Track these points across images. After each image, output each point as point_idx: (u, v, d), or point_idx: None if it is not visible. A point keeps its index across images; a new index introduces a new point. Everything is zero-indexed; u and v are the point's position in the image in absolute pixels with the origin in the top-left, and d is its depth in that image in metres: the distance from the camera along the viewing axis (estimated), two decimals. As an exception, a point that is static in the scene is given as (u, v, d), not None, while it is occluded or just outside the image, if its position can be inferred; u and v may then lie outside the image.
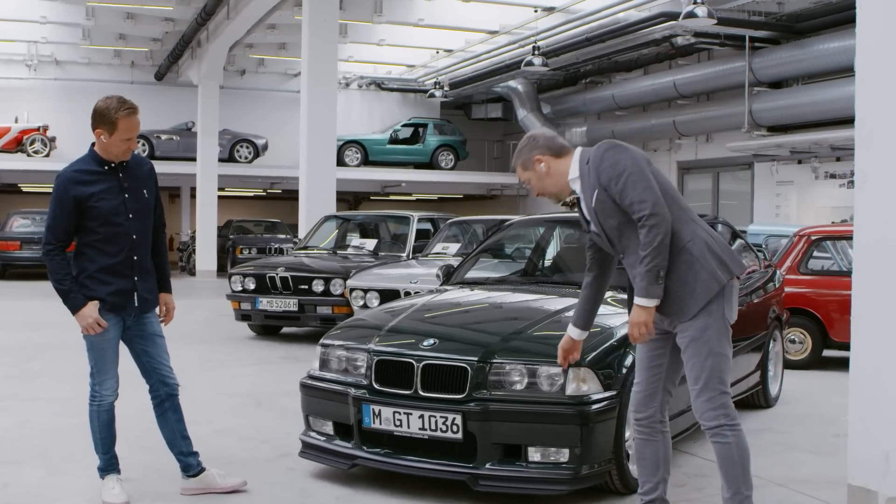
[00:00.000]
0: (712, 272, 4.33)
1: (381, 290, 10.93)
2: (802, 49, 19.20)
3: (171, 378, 5.47)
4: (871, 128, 4.86)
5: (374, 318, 6.16)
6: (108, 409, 5.37)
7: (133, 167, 5.27)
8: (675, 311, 4.37)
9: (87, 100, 25.43)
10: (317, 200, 16.23)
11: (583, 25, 21.09)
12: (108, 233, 5.12)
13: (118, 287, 5.17)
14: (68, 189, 5.08)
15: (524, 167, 4.61)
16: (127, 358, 5.52)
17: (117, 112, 5.03)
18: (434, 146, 30.15)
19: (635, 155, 4.38)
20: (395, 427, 5.26)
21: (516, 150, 4.67)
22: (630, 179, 4.27)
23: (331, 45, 17.06)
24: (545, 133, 4.64)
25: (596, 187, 4.37)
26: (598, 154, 4.40)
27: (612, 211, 4.36)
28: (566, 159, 4.53)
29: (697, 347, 4.34)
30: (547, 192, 4.62)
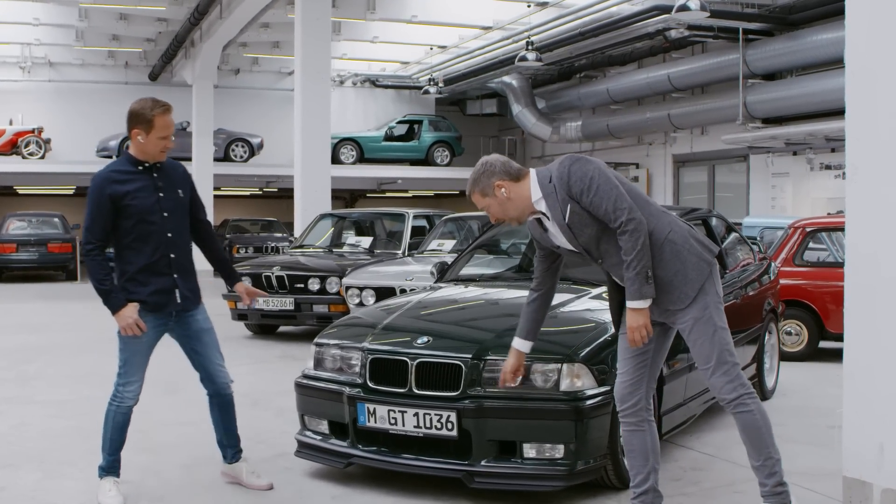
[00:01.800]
0: (699, 255, 4.44)
1: (377, 288, 10.94)
2: (796, 41, 19.20)
3: (219, 376, 5.53)
4: (861, 120, 4.86)
5: (369, 317, 6.16)
6: (126, 412, 5.38)
7: (167, 169, 5.37)
8: (673, 300, 4.44)
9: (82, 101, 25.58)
10: (312, 199, 16.24)
11: (576, 20, 21.10)
12: (143, 231, 5.20)
13: (158, 286, 5.24)
14: (104, 188, 5.15)
15: (483, 194, 4.56)
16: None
17: (153, 110, 5.15)
18: (429, 143, 30.14)
19: (599, 165, 4.42)
20: (390, 425, 5.27)
21: (471, 178, 4.62)
22: (601, 189, 4.31)
23: (324, 42, 17.06)
24: (499, 158, 4.61)
25: (568, 201, 4.39)
26: (563, 170, 4.42)
27: (587, 221, 4.40)
28: (525, 181, 4.52)
29: (703, 327, 4.42)
30: (508, 217, 4.60)
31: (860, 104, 4.88)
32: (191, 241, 5.50)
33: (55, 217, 26.14)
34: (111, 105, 29.49)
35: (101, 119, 29.03)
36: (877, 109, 4.77)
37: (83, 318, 15.60)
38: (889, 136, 4.71)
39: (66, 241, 25.28)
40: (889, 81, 4.70)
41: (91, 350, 11.63)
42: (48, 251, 24.94)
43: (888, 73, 4.70)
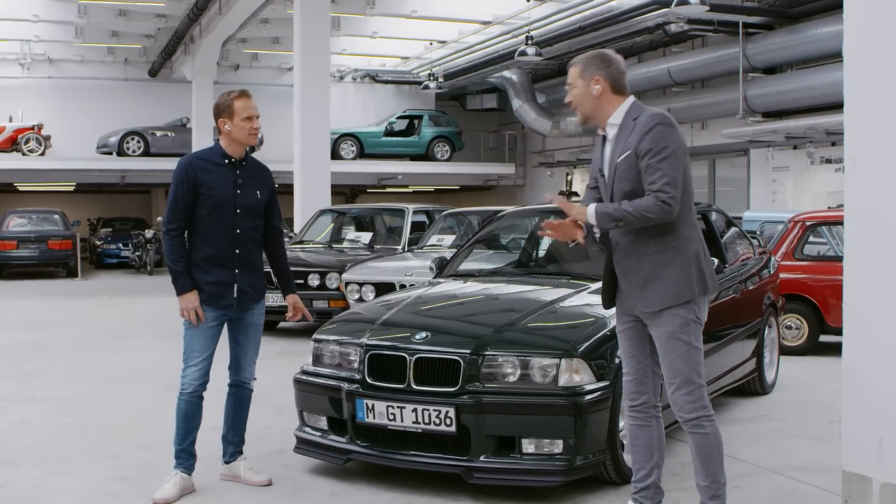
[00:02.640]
0: (689, 282, 4.35)
1: (377, 284, 10.93)
2: (796, 34, 19.17)
3: (245, 371, 5.62)
4: (860, 114, 4.85)
5: (368, 312, 6.15)
6: (188, 399, 5.39)
7: (252, 168, 5.55)
8: (638, 297, 4.41)
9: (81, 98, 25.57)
10: (311, 194, 16.24)
11: (575, 14, 21.08)
12: (214, 223, 5.34)
13: (217, 278, 5.35)
14: (188, 171, 5.34)
15: (581, 74, 4.46)
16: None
17: (230, 96, 5.39)
18: (430, 138, 30.09)
19: (681, 142, 4.36)
20: (389, 421, 5.26)
21: (584, 56, 4.52)
22: (668, 162, 4.25)
23: (323, 38, 17.04)
24: (620, 64, 4.50)
25: (630, 149, 4.32)
26: (649, 122, 4.32)
27: (631, 177, 4.33)
28: (617, 101, 4.45)
29: (677, 343, 4.35)
30: (581, 110, 4.51)
31: (859, 98, 4.87)
32: (260, 240, 5.60)
33: (55, 214, 26.14)
34: (111, 101, 29.57)
35: (100, 115, 29.06)
36: (875, 103, 4.76)
37: (83, 314, 15.60)
38: (888, 130, 4.69)
39: (66, 237, 25.29)
40: (888, 75, 4.68)
41: (91, 347, 11.63)
42: (48, 248, 24.95)
43: (887, 67, 4.69)
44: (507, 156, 32.42)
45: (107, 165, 28.34)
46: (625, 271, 4.47)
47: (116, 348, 11.56)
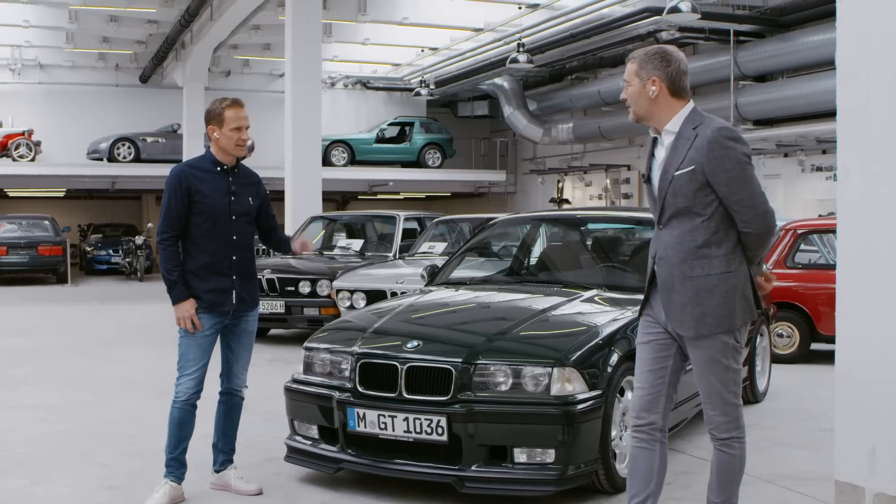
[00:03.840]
0: (730, 312, 4.10)
1: (368, 291, 10.90)
2: (787, 42, 19.20)
3: (237, 379, 5.61)
4: (853, 123, 4.84)
5: (359, 320, 6.13)
6: (181, 407, 5.37)
7: (243, 175, 5.58)
8: (676, 318, 4.16)
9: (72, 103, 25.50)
10: (302, 201, 16.21)
11: (567, 22, 21.09)
12: (210, 230, 5.35)
13: (215, 286, 5.36)
14: (181, 180, 5.33)
15: (636, 72, 4.20)
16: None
17: (222, 104, 5.39)
18: (421, 145, 30.10)
19: (751, 153, 4.14)
20: (381, 430, 5.23)
21: (647, 50, 4.24)
22: (752, 185, 4.06)
23: (314, 45, 17.03)
24: (682, 64, 4.21)
25: (694, 164, 4.05)
26: (717, 136, 4.04)
27: (689, 193, 4.08)
28: (676, 105, 4.17)
29: (716, 367, 4.14)
30: (634, 108, 4.24)
31: (852, 106, 4.86)
32: (254, 245, 5.63)
33: (45, 220, 26.07)
34: (101, 107, 29.51)
35: (91, 121, 29.00)
36: (868, 112, 4.75)
37: (73, 321, 15.54)
38: (881, 139, 4.69)
39: (56, 243, 25.24)
40: (880, 84, 4.68)
41: (81, 354, 11.58)
42: (38, 254, 24.91)
43: (880, 76, 4.69)
44: (498, 163, 32.41)
45: (97, 171, 28.30)
46: (666, 288, 4.19)
47: (106, 355, 11.50)
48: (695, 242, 4.10)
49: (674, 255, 4.16)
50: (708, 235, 4.09)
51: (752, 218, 4.05)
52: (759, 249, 4.15)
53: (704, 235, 4.09)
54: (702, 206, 4.08)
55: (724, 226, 4.10)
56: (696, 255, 4.10)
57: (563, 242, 7.99)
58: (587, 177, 28.55)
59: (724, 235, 4.10)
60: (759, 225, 4.07)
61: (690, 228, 4.11)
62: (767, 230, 4.11)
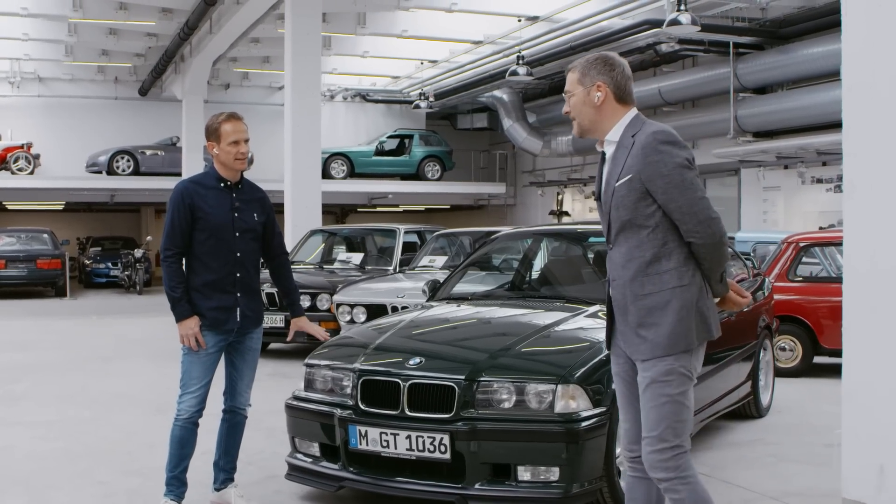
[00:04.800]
0: (686, 330, 3.81)
1: (368, 305, 10.85)
2: (787, 54, 19.19)
3: (241, 397, 5.55)
4: (858, 137, 4.81)
5: (360, 336, 6.07)
6: (182, 425, 5.31)
7: (247, 190, 5.49)
8: (631, 342, 3.90)
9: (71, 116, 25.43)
10: (302, 214, 16.15)
11: (567, 34, 21.05)
12: (214, 247, 5.29)
13: (219, 303, 5.30)
14: (184, 197, 5.28)
15: (580, 80, 3.96)
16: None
17: (218, 119, 5.34)
18: (420, 157, 30.09)
19: (690, 156, 3.84)
20: (383, 448, 5.17)
21: (584, 60, 4.00)
22: (690, 192, 3.77)
23: (314, 57, 17.00)
24: (625, 69, 3.98)
25: (631, 173, 3.81)
26: (651, 140, 3.80)
27: (629, 205, 3.84)
28: (621, 112, 3.94)
29: (656, 391, 3.81)
30: (579, 119, 4.00)
31: (857, 120, 4.82)
32: (259, 263, 5.56)
33: (44, 233, 26.02)
34: (100, 120, 29.49)
35: (90, 134, 28.98)
36: (874, 125, 4.72)
37: (72, 335, 15.48)
38: (886, 153, 4.65)
39: (55, 256, 25.19)
40: (887, 97, 4.65)
41: (80, 369, 11.52)
42: (37, 267, 24.85)
43: (886, 89, 4.65)
44: (497, 175, 32.39)
45: (96, 184, 28.26)
46: (620, 310, 3.95)
47: (105, 370, 11.44)
48: (643, 258, 3.84)
49: (623, 273, 3.91)
50: (656, 248, 3.83)
51: (694, 226, 3.76)
52: (713, 262, 3.84)
53: (652, 249, 3.83)
54: (643, 217, 3.83)
55: (671, 236, 3.83)
56: (646, 271, 3.84)
57: (566, 257, 7.94)
58: (587, 189, 28.52)
59: (673, 247, 3.83)
60: (704, 233, 3.77)
61: (637, 243, 3.86)
62: (713, 238, 3.78)
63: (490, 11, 21.46)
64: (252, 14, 19.77)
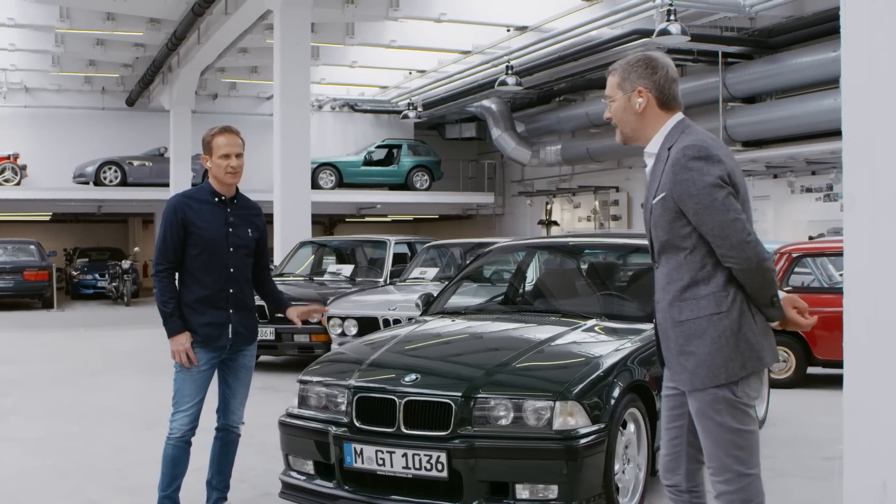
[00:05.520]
0: (724, 360, 3.57)
1: (360, 318, 10.77)
2: (775, 64, 19.21)
3: (234, 415, 5.48)
4: (858, 149, 4.75)
5: (354, 352, 6.00)
6: (175, 444, 5.23)
7: (242, 206, 5.43)
8: (675, 374, 3.72)
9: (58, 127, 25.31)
10: (292, 226, 16.07)
11: (556, 44, 21.04)
12: (207, 262, 5.22)
13: (212, 319, 5.23)
14: (177, 211, 5.21)
15: (620, 86, 3.73)
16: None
17: (210, 133, 5.29)
18: (409, 167, 30.06)
19: (723, 172, 3.57)
20: (378, 466, 5.09)
21: (624, 62, 3.76)
22: (721, 213, 3.51)
23: (303, 68, 16.94)
24: (670, 71, 3.75)
25: (665, 191, 3.59)
26: (680, 157, 3.57)
27: (665, 224, 3.63)
28: (664, 119, 3.72)
29: (707, 423, 3.62)
30: (620, 127, 3.80)
31: (857, 132, 4.76)
32: (251, 279, 5.48)
33: (31, 244, 25.87)
34: (88, 131, 29.38)
35: (77, 145, 28.86)
36: (874, 137, 4.66)
37: (60, 348, 15.36)
38: (887, 166, 4.60)
39: (42, 268, 25.04)
40: (887, 109, 4.59)
41: (68, 382, 11.42)
42: (24, 279, 24.71)
43: (886, 101, 4.60)
44: (486, 185, 32.35)
45: (83, 195, 28.14)
46: (663, 334, 3.76)
47: (94, 384, 11.34)
48: (681, 282, 3.63)
49: (664, 296, 3.72)
50: (693, 272, 3.60)
51: (728, 251, 3.51)
52: (755, 288, 3.58)
53: (690, 273, 3.61)
54: (680, 239, 3.61)
55: (710, 259, 3.58)
56: (683, 296, 3.63)
57: (561, 270, 7.88)
58: (576, 198, 28.52)
59: (712, 271, 3.58)
60: (738, 258, 3.51)
61: (676, 265, 3.65)
62: (748, 263, 3.52)
63: (479, 21, 21.44)
64: (241, 24, 19.72)
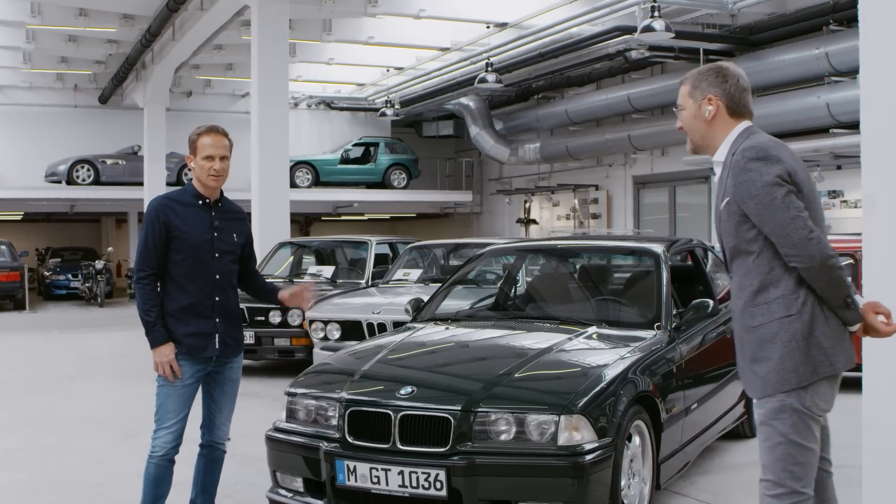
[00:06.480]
0: (795, 365, 3.51)
1: (343, 322, 10.48)
2: (757, 61, 19.04)
3: (221, 429, 5.22)
4: (878, 150, 4.55)
5: (344, 363, 5.73)
6: (158, 462, 4.94)
7: (227, 209, 5.17)
8: (747, 383, 3.69)
9: (30, 125, 24.85)
10: (271, 226, 15.71)
11: (536, 41, 20.82)
12: (192, 268, 4.94)
13: (197, 329, 4.94)
14: (159, 214, 4.96)
15: (691, 94, 3.81)
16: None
17: (196, 133, 5.09)
18: (386, 165, 29.77)
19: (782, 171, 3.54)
20: (373, 484, 4.84)
21: (700, 69, 3.84)
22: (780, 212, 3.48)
23: (282, 64, 16.60)
24: (741, 81, 3.80)
25: (729, 196, 3.61)
26: (740, 159, 3.58)
27: (731, 230, 3.64)
28: (733, 124, 3.76)
29: (768, 431, 3.55)
30: (690, 135, 3.86)
31: (876, 133, 4.56)
32: (237, 286, 5.20)
33: (2, 244, 25.42)
34: (60, 129, 28.92)
35: (49, 143, 28.39)
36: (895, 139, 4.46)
37: (33, 352, 15.01)
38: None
39: (13, 269, 24.60)
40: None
41: (42, 389, 11.07)
42: (-6, 280, 24.27)
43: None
44: (464, 183, 32.09)
45: (56, 194, 27.68)
46: (739, 342, 3.70)
47: (69, 390, 11.00)
48: (752, 287, 3.60)
49: (737, 305, 3.68)
50: (763, 276, 3.58)
51: (790, 250, 3.48)
52: (823, 287, 3.50)
53: (759, 276, 3.58)
54: (746, 243, 3.61)
55: (777, 262, 3.55)
56: (754, 301, 3.59)
57: (557, 274, 7.62)
58: (555, 197, 28.30)
59: (780, 273, 3.55)
60: (801, 256, 3.46)
61: (746, 271, 3.63)
62: (812, 261, 3.45)
63: (458, 18, 21.16)
64: (216, 20, 19.34)
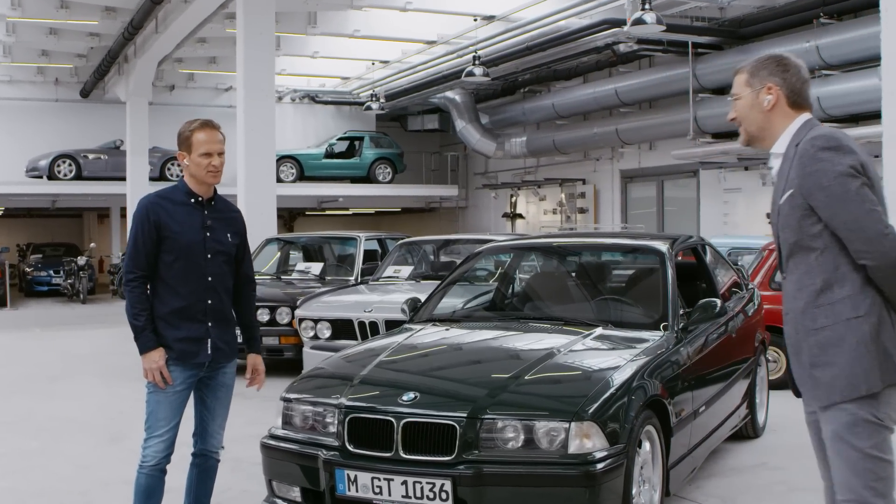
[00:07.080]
0: (865, 369, 3.28)
1: (333, 320, 10.25)
2: (746, 54, 18.86)
3: (214, 437, 5.00)
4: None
5: (342, 367, 5.51)
6: (149, 473, 4.73)
7: (221, 208, 4.93)
8: (806, 385, 3.46)
9: (10, 119, 24.44)
10: (257, 221, 15.41)
11: (523, 34, 20.62)
12: (183, 270, 4.71)
13: (189, 333, 4.72)
14: (149, 213, 4.74)
15: (748, 82, 3.59)
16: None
17: (190, 127, 4.82)
18: (371, 159, 29.53)
19: (855, 162, 3.33)
20: (375, 495, 4.62)
21: (760, 58, 3.64)
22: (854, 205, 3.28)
23: (268, 58, 16.35)
24: (802, 71, 3.57)
25: (793, 188, 3.39)
26: (809, 148, 3.37)
27: (793, 225, 3.41)
28: (793, 115, 3.54)
29: (843, 447, 3.31)
30: (745, 125, 3.64)
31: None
32: (231, 289, 4.94)
33: (-18, 240, 25.15)
34: (41, 123, 28.55)
35: (30, 138, 28.03)
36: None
37: (14, 350, 14.74)
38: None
39: (-7, 265, 24.33)
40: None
41: (24, 390, 10.81)
42: (-25, 276, 23.98)
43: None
44: (449, 177, 31.89)
45: (37, 189, 27.34)
46: (794, 348, 3.48)
47: (52, 391, 10.75)
48: (814, 286, 3.39)
49: (795, 305, 3.47)
50: (827, 274, 3.36)
51: (862, 245, 3.27)
52: (894, 287, 3.30)
53: (823, 275, 3.37)
54: (809, 238, 3.39)
55: (843, 259, 3.34)
56: (817, 301, 3.38)
57: (559, 273, 7.40)
58: (541, 191, 28.13)
59: (847, 272, 3.34)
60: (875, 253, 3.25)
61: (807, 269, 3.41)
62: (886, 259, 3.25)
63: (445, 11, 20.95)
64: (200, 13, 19.06)
